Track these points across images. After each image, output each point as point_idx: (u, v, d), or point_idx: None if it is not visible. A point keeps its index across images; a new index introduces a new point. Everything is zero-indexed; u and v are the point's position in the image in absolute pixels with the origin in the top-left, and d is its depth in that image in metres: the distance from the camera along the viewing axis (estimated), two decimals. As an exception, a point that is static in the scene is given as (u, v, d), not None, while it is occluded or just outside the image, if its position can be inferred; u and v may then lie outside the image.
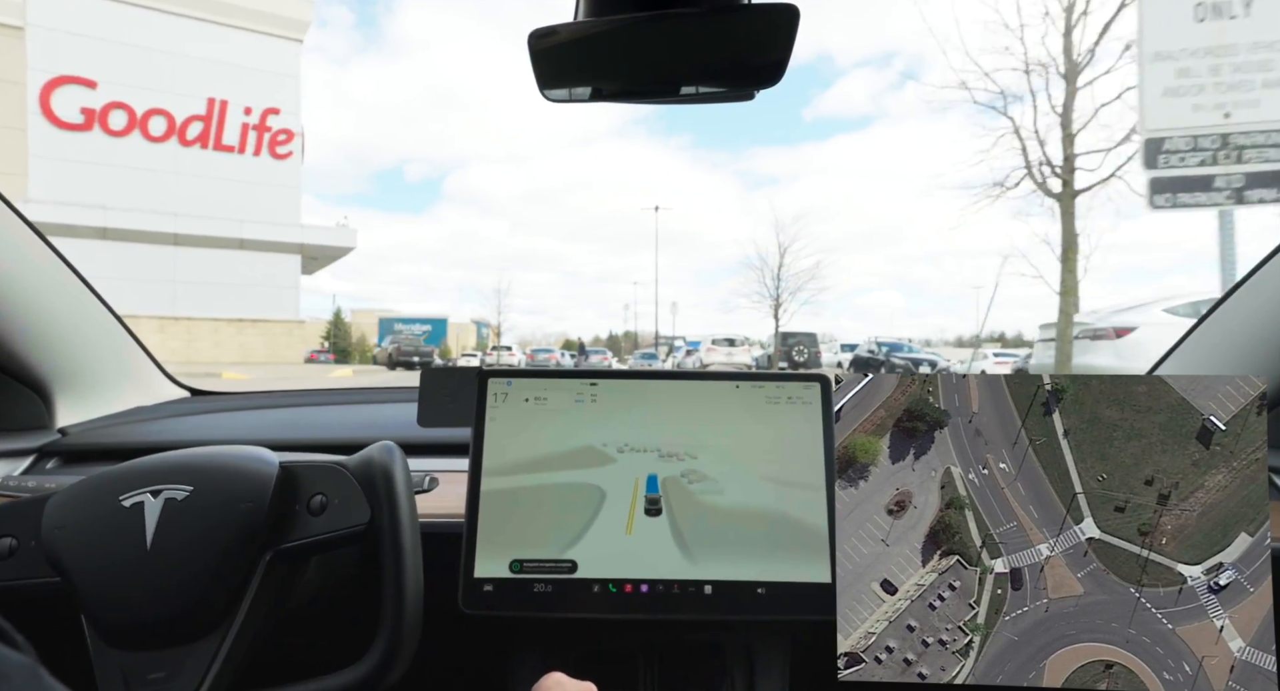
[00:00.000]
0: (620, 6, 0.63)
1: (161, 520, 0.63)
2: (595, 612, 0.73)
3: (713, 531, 0.74)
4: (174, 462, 0.67)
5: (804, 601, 0.72)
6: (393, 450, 0.67)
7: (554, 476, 0.77)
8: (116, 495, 0.64)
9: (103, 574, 0.62)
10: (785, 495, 0.75)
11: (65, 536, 0.63)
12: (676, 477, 0.76)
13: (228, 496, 0.64)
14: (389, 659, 0.61)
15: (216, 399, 1.34)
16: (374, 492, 0.64)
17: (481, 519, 0.75)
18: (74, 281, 1.08)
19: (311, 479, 0.66)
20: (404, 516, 0.64)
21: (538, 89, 0.70)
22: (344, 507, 0.65)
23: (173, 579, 0.61)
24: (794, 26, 0.62)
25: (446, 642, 0.94)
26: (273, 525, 0.64)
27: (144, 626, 0.61)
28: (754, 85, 0.69)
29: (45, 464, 1.05)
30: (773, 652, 0.81)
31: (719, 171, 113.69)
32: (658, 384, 0.80)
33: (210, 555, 0.62)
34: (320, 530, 0.64)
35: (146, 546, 0.62)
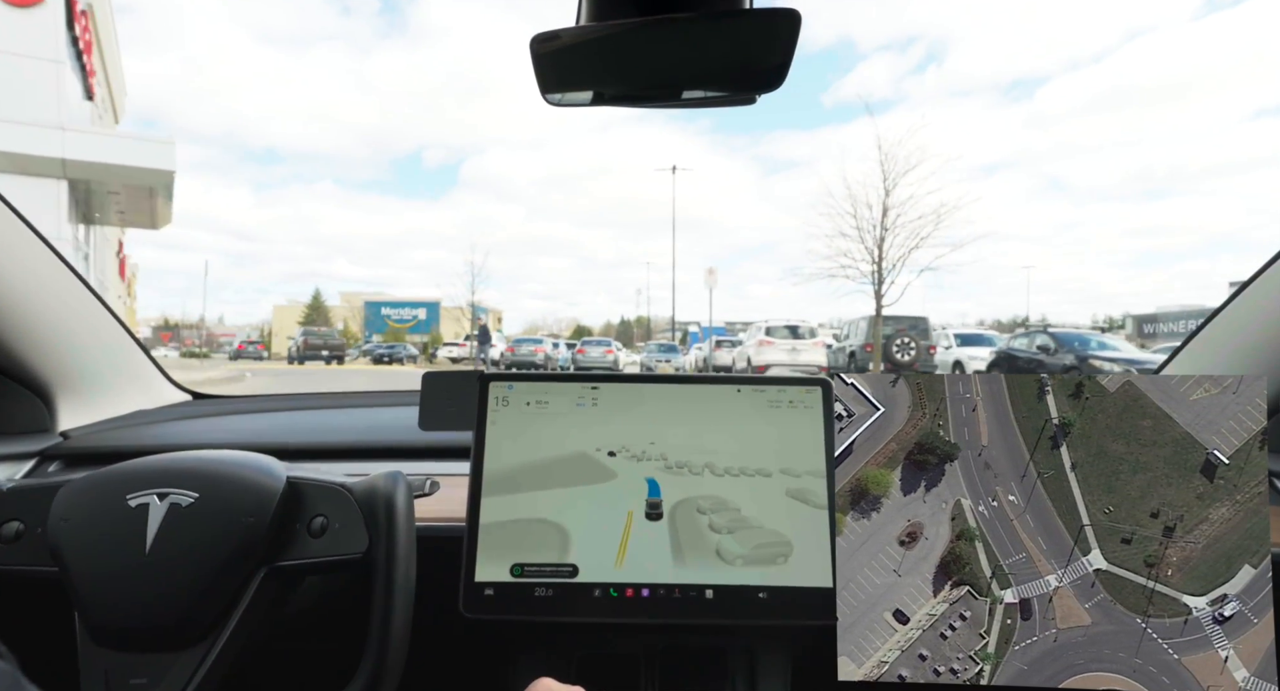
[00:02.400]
0: (622, 11, 0.63)
1: (164, 525, 0.64)
2: (596, 617, 0.73)
3: (713, 535, 0.75)
4: (183, 466, 0.67)
5: (805, 605, 0.73)
6: (398, 479, 0.67)
7: (555, 480, 0.77)
8: (124, 494, 0.65)
9: (99, 572, 0.63)
10: (786, 499, 0.76)
11: (69, 529, 0.64)
12: (677, 481, 0.77)
13: (232, 507, 0.64)
14: (370, 688, 0.62)
15: (218, 402, 1.35)
16: (374, 521, 0.65)
17: (483, 523, 0.76)
18: (76, 284, 1.08)
19: (315, 499, 0.67)
20: (400, 548, 0.64)
21: (539, 93, 0.70)
22: (343, 532, 0.66)
23: (167, 585, 0.62)
24: (795, 31, 0.62)
25: (448, 646, 0.95)
26: (271, 541, 0.65)
27: (133, 629, 0.62)
28: (755, 89, 0.70)
29: (47, 467, 1.05)
30: (774, 656, 0.81)
31: (737, 156, 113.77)
32: (658, 387, 0.81)
33: (207, 565, 0.63)
34: (318, 553, 0.65)
35: (145, 550, 0.63)
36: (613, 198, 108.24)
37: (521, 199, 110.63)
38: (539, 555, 0.75)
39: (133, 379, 1.26)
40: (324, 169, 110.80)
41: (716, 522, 0.75)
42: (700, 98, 0.72)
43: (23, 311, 0.99)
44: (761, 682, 0.80)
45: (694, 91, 0.71)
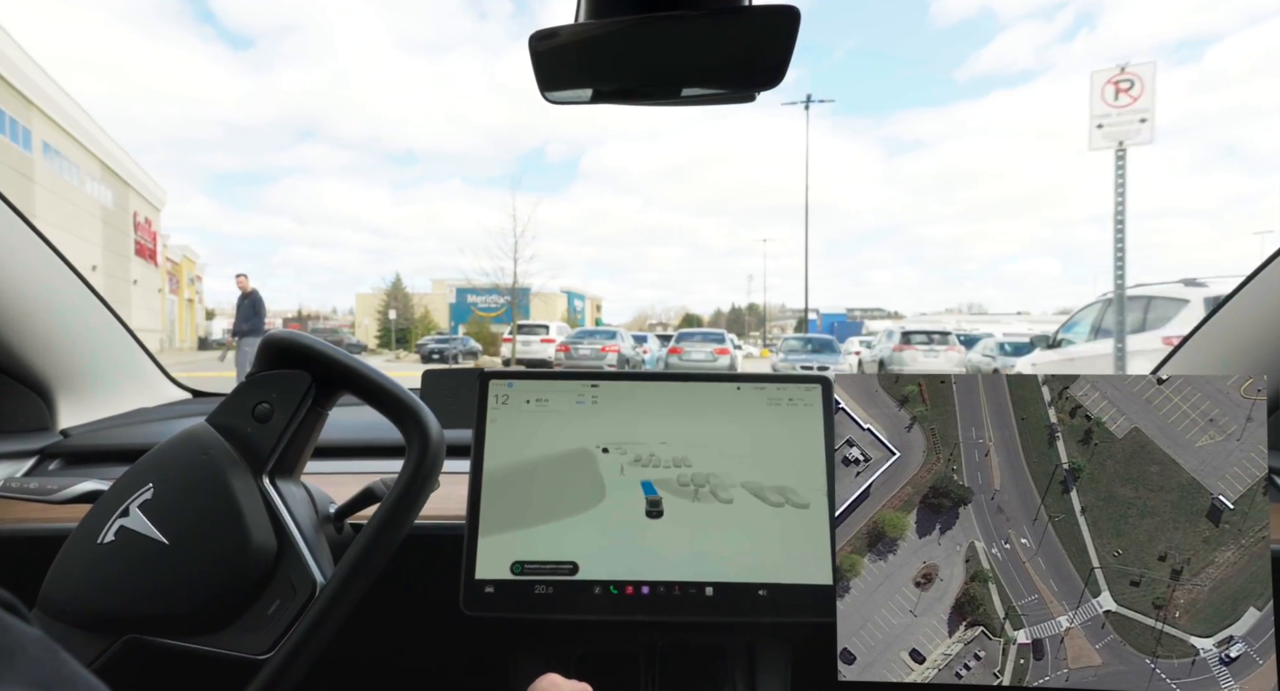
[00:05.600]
0: (621, 8, 0.64)
1: (154, 519, 0.64)
2: (596, 614, 0.74)
3: (713, 533, 0.75)
4: (122, 482, 0.68)
5: (805, 603, 0.74)
6: (283, 330, 0.70)
7: (555, 478, 0.77)
8: (93, 542, 0.65)
9: (151, 591, 0.63)
10: (786, 497, 0.77)
11: (86, 595, 0.63)
12: (677, 479, 0.77)
13: (185, 463, 0.66)
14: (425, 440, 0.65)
15: (218, 400, 1.35)
16: (295, 358, 0.67)
17: (483, 521, 0.76)
18: (76, 283, 1.08)
19: (239, 405, 0.69)
20: (334, 352, 0.67)
21: (539, 91, 0.70)
22: (284, 392, 0.68)
23: (215, 535, 0.63)
24: (794, 28, 0.62)
25: (449, 643, 0.96)
26: (246, 456, 0.66)
27: (230, 586, 0.63)
28: (755, 87, 0.70)
29: (47, 465, 1.05)
30: (774, 654, 0.82)
31: (860, 138, 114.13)
32: (658, 385, 0.81)
33: (220, 497, 0.64)
34: (281, 425, 0.67)
35: (166, 542, 0.63)
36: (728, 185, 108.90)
37: (638, 190, 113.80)
38: (539, 553, 0.75)
39: (133, 377, 1.26)
40: (454, 167, 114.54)
41: (716, 520, 0.76)
42: (700, 95, 0.72)
43: (23, 310, 0.99)
44: (761, 680, 0.81)
45: (693, 89, 0.72)
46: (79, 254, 22.36)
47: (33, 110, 18.85)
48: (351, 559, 0.62)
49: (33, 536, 0.88)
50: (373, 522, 0.63)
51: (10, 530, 0.90)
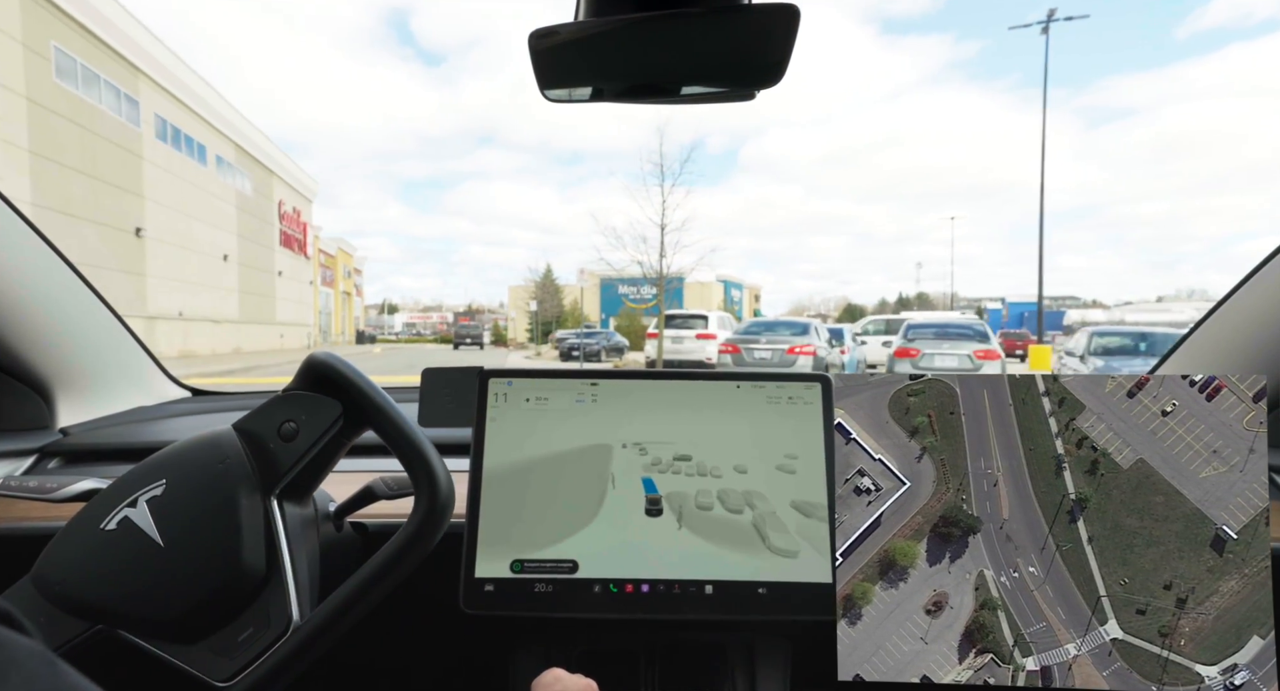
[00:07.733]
0: (621, 7, 0.64)
1: (157, 517, 0.65)
2: (596, 612, 0.74)
3: (713, 531, 0.76)
4: (138, 471, 0.69)
5: (805, 601, 0.74)
6: (329, 353, 0.70)
7: (554, 476, 0.78)
8: (96, 525, 0.66)
9: (136, 589, 0.63)
10: (786, 495, 0.78)
11: (76, 580, 0.64)
12: (676, 477, 0.78)
13: (201, 467, 0.66)
14: (433, 502, 0.64)
15: (218, 398, 1.36)
16: (331, 386, 0.67)
17: (482, 519, 0.76)
18: (75, 281, 1.09)
19: (268, 418, 0.69)
20: (370, 389, 0.66)
21: (538, 89, 0.71)
22: (313, 416, 0.67)
23: (208, 547, 0.63)
24: (794, 26, 0.62)
25: (448, 641, 0.97)
26: (260, 471, 0.67)
27: (211, 601, 0.63)
28: (754, 85, 0.70)
29: (47, 464, 1.06)
30: (774, 653, 0.82)
31: (1054, 110, 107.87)
32: (658, 384, 0.81)
33: (224, 510, 0.64)
34: (302, 448, 0.67)
35: (160, 544, 0.64)
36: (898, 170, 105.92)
37: (800, 179, 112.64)
38: (539, 551, 0.76)
39: (132, 375, 1.27)
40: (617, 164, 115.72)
41: (716, 518, 0.77)
42: (699, 94, 0.72)
43: (22, 308, 1.00)
44: (761, 678, 0.81)
45: (693, 87, 0.72)
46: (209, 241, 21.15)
47: (139, 77, 17.23)
48: (333, 604, 0.62)
49: (32, 535, 0.89)
50: (363, 571, 0.63)
51: (10, 528, 0.90)
